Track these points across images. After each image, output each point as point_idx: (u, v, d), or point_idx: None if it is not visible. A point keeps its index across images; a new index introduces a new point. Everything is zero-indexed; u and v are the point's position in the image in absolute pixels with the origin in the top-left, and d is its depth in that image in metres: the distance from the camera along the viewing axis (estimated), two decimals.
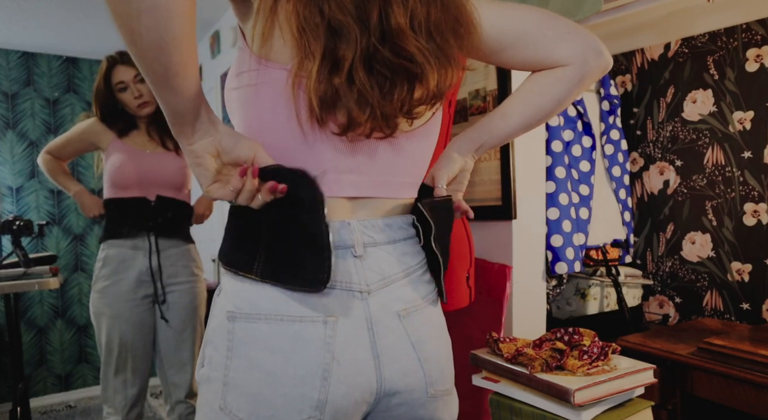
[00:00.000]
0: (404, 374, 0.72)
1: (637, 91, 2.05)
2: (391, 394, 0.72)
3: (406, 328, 0.73)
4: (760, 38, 1.72)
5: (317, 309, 0.67)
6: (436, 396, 0.76)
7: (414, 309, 0.74)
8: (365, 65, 0.63)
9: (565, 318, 1.90)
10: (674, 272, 1.96)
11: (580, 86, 0.79)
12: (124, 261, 1.78)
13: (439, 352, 0.76)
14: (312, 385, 0.66)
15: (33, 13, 2.85)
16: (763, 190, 1.73)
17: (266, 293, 0.67)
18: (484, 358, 1.25)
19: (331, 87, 0.62)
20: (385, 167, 0.73)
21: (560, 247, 1.60)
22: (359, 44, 0.62)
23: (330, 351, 0.66)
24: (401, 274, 0.75)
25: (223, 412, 0.67)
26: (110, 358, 1.77)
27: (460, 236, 1.32)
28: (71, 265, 3.54)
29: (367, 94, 0.63)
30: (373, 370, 0.69)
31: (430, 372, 0.74)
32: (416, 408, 0.74)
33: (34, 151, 3.44)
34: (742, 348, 1.31)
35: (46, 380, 3.48)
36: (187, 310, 1.88)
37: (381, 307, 0.71)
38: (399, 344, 0.72)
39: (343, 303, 0.68)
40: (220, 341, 0.69)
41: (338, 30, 0.61)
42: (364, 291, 0.70)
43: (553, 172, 1.62)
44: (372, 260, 0.72)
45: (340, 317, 0.68)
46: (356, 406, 0.69)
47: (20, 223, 2.33)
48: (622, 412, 1.11)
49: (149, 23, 0.52)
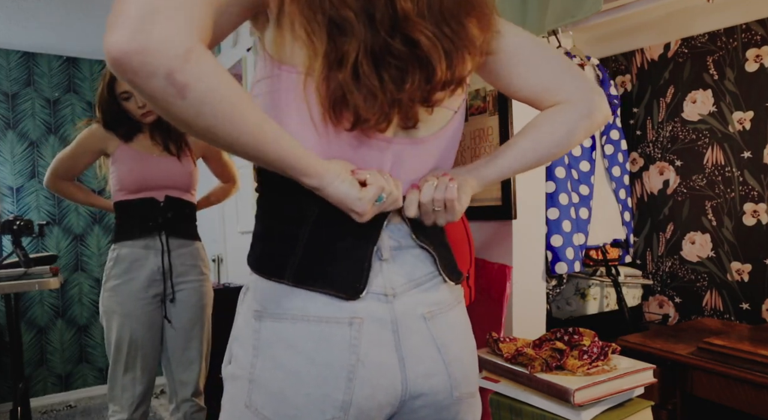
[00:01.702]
0: (429, 376, 0.72)
1: (637, 91, 2.05)
2: (415, 397, 0.72)
3: (431, 331, 0.73)
4: (760, 38, 1.72)
5: (343, 311, 0.67)
6: (461, 398, 0.76)
7: (439, 311, 0.74)
8: (371, 58, 0.63)
9: (565, 318, 1.91)
10: (674, 272, 1.96)
11: (589, 122, 0.78)
12: (137, 260, 1.79)
13: (463, 354, 0.76)
14: (336, 386, 0.66)
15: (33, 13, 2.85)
16: (762, 190, 1.73)
17: (294, 294, 0.68)
18: (484, 358, 1.25)
19: (336, 83, 0.62)
20: (410, 169, 0.73)
21: (560, 247, 1.60)
22: (363, 37, 0.62)
23: (355, 353, 0.67)
24: (426, 277, 0.75)
25: (248, 409, 0.68)
26: (119, 356, 1.78)
27: (460, 236, 1.32)
28: (71, 265, 3.54)
29: (373, 88, 0.63)
30: (398, 373, 0.69)
31: (455, 374, 0.74)
32: (440, 410, 0.74)
33: (34, 151, 3.44)
34: (742, 348, 1.31)
35: (46, 380, 3.48)
36: (195, 308, 1.89)
37: (406, 310, 0.71)
38: (424, 346, 0.72)
39: (369, 305, 0.69)
40: (246, 339, 0.69)
41: (340, 25, 0.61)
42: (389, 294, 0.70)
43: (553, 172, 1.62)
44: (398, 263, 0.72)
45: (365, 319, 0.68)
46: (380, 408, 0.69)
47: (20, 223, 2.33)
48: (621, 412, 1.12)
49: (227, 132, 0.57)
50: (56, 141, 3.47)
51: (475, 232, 1.59)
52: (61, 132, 3.49)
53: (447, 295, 0.77)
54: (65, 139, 3.46)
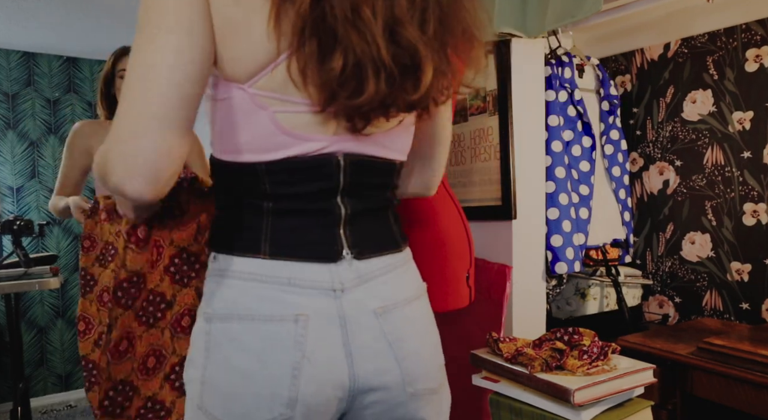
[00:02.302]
0: (379, 373, 0.71)
1: (637, 91, 2.06)
2: (365, 392, 0.71)
3: (383, 327, 0.72)
4: (760, 38, 1.72)
5: (288, 308, 0.67)
6: (417, 394, 0.75)
7: (393, 306, 0.74)
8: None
9: (565, 318, 1.91)
10: (674, 272, 1.97)
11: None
12: None
13: (421, 350, 0.76)
14: (282, 383, 0.66)
15: (33, 13, 2.85)
16: (762, 190, 1.73)
17: (242, 290, 0.68)
18: (484, 358, 1.26)
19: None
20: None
21: (560, 247, 1.60)
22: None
23: (300, 349, 0.67)
24: (381, 270, 0.74)
25: (200, 410, 0.69)
26: None
27: (459, 236, 1.32)
28: (72, 265, 3.54)
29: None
30: (345, 368, 0.69)
31: (409, 370, 0.74)
32: (395, 406, 0.74)
33: (34, 152, 3.44)
34: (742, 348, 1.31)
35: (46, 380, 3.48)
36: None
37: (356, 305, 0.71)
38: (374, 343, 0.71)
39: (315, 301, 0.68)
40: (198, 342, 0.70)
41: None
42: (338, 289, 0.70)
43: (553, 172, 1.62)
44: (348, 258, 0.72)
45: (311, 315, 0.68)
46: (328, 403, 0.69)
47: (21, 223, 2.33)
48: (621, 411, 1.12)
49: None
50: (56, 141, 3.47)
51: (475, 232, 1.59)
52: (61, 132, 3.49)
53: (404, 289, 0.76)
54: (65, 139, 3.46)
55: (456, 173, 1.69)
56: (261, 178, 0.68)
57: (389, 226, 0.79)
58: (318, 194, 0.71)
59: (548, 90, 1.64)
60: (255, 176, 0.68)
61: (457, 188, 1.67)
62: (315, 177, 0.69)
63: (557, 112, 1.65)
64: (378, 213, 0.78)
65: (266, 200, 0.70)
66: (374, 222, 0.77)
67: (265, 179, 0.68)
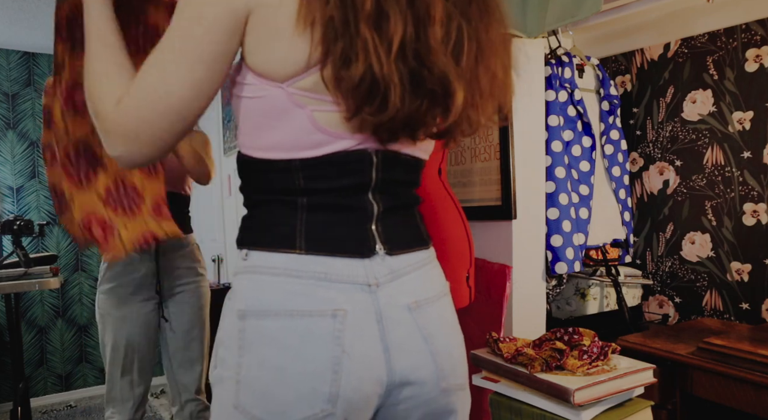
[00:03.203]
0: (415, 367, 0.72)
1: (637, 92, 2.06)
2: (401, 386, 0.72)
3: (417, 321, 0.73)
4: (760, 38, 1.72)
5: (325, 303, 0.67)
6: (449, 390, 0.76)
7: (425, 302, 0.75)
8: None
9: (565, 318, 1.91)
10: (674, 272, 1.97)
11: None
12: (131, 263, 1.79)
13: (450, 345, 0.77)
14: (323, 379, 0.66)
15: (34, 14, 2.85)
16: (762, 190, 1.73)
17: (276, 286, 0.68)
18: (484, 358, 1.26)
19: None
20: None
21: (560, 247, 1.60)
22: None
23: (339, 344, 0.67)
24: (411, 267, 0.75)
25: (237, 410, 0.68)
26: (117, 360, 1.78)
27: (459, 236, 1.32)
28: (71, 265, 3.55)
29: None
30: (383, 364, 0.70)
31: (442, 365, 0.74)
32: (428, 401, 0.74)
33: (34, 151, 3.44)
34: (742, 348, 1.31)
35: (46, 380, 3.48)
36: (194, 309, 1.90)
37: (390, 300, 0.71)
38: (409, 337, 0.72)
39: (351, 296, 0.69)
40: (231, 341, 0.69)
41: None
42: (372, 284, 0.70)
43: (553, 172, 1.62)
44: (381, 253, 0.72)
45: (348, 311, 0.68)
46: (367, 400, 0.69)
47: (21, 223, 2.33)
48: (621, 411, 1.12)
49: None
50: None
51: (475, 232, 1.59)
52: None
53: (434, 285, 0.77)
54: None
55: (456, 173, 1.69)
56: (295, 174, 0.69)
57: (417, 224, 0.81)
58: (351, 189, 0.71)
59: (548, 90, 1.64)
60: (289, 172, 0.69)
61: (457, 188, 1.67)
62: (349, 173, 0.71)
63: (557, 112, 1.65)
64: (406, 210, 0.79)
65: (300, 196, 0.70)
66: (403, 219, 0.78)
67: (299, 175, 0.69)
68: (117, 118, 0.66)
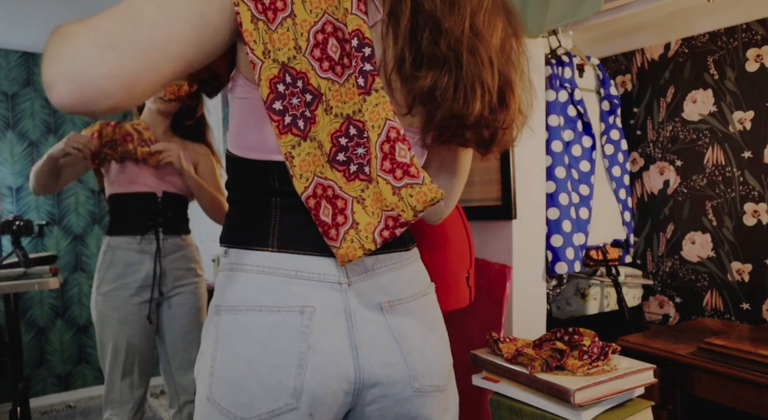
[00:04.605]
0: (385, 366, 0.72)
1: (637, 91, 2.05)
2: (371, 386, 0.72)
3: (389, 320, 0.73)
4: (760, 38, 1.72)
5: (295, 299, 0.69)
6: (423, 391, 0.75)
7: (399, 302, 0.75)
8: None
9: (565, 318, 1.90)
10: (674, 272, 1.96)
11: None
12: (132, 264, 1.78)
13: (426, 346, 0.76)
14: (288, 373, 0.67)
15: (33, 13, 2.85)
16: (763, 190, 1.73)
17: (249, 282, 0.70)
18: (484, 358, 1.25)
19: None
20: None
21: (560, 247, 1.60)
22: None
23: (306, 340, 0.68)
24: (388, 267, 0.76)
25: (209, 401, 0.70)
26: (117, 362, 1.77)
27: (459, 236, 1.32)
28: (71, 265, 3.54)
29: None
30: (350, 360, 0.70)
31: (414, 365, 0.74)
32: (401, 402, 0.74)
33: (34, 151, 3.44)
34: (742, 348, 1.31)
35: (46, 380, 3.48)
36: (193, 310, 1.89)
37: (362, 299, 0.72)
38: (379, 336, 0.72)
39: (321, 294, 0.70)
40: (208, 335, 0.72)
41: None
42: (344, 282, 0.71)
43: (553, 172, 1.62)
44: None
45: (317, 307, 0.69)
46: (333, 396, 0.70)
47: (20, 223, 2.33)
48: (622, 412, 1.11)
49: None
50: (56, 141, 3.47)
51: (475, 232, 1.59)
52: (60, 132, 3.49)
53: (411, 285, 0.78)
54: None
55: None
56: (271, 175, 0.71)
57: None
58: None
59: (548, 90, 1.64)
60: (265, 173, 0.71)
61: None
62: None
63: (557, 112, 1.64)
64: None
65: (275, 196, 0.71)
66: None
67: (275, 176, 0.71)
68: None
